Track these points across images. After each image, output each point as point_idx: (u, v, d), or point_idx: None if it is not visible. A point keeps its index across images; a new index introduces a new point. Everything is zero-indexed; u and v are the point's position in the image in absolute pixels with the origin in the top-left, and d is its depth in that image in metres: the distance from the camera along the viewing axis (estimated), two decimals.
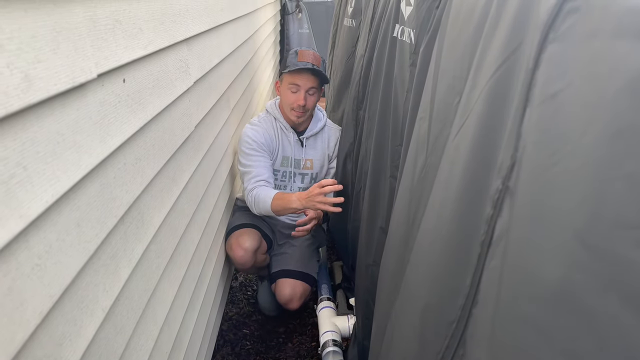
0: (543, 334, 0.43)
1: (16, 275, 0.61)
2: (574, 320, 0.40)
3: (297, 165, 2.22)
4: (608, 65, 0.44)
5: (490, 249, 0.56)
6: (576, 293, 0.39)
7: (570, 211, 0.41)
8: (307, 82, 2.07)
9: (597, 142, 0.41)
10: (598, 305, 0.37)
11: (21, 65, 0.62)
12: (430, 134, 0.88)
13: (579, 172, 0.42)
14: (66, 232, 0.73)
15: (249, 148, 2.08)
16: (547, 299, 0.43)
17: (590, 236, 0.39)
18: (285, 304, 2.14)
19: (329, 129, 2.29)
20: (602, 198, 0.38)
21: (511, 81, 0.60)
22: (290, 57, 2.11)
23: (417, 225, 0.82)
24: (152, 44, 1.08)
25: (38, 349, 0.66)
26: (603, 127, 0.41)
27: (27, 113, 0.64)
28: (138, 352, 1.04)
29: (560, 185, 0.44)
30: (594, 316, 0.38)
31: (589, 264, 0.38)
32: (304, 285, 2.16)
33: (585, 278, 0.38)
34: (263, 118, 2.21)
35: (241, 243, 2.03)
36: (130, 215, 0.99)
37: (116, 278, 0.92)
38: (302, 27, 5.14)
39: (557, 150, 0.45)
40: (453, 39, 0.84)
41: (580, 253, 0.39)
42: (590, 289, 0.38)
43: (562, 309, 0.41)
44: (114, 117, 0.90)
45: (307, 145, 2.22)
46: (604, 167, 0.39)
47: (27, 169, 0.64)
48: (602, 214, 0.38)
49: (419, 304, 0.74)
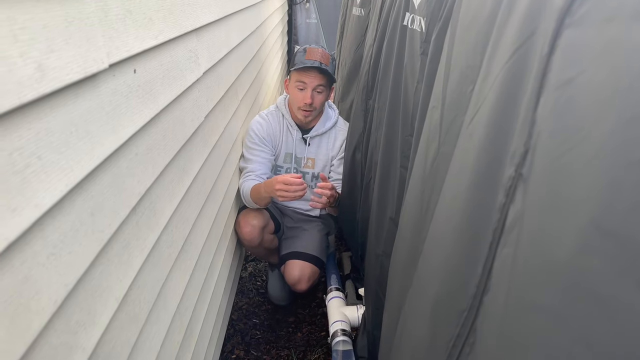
0: (557, 320, 0.43)
1: (32, 264, 0.62)
2: (590, 306, 0.39)
3: (298, 163, 2.23)
4: (624, 50, 0.44)
5: (502, 237, 0.56)
6: (592, 279, 0.39)
7: (585, 197, 0.41)
8: (314, 80, 2.07)
9: (612, 128, 0.41)
10: (614, 292, 0.37)
11: (34, 55, 0.62)
12: (443, 123, 0.87)
13: (594, 158, 0.41)
14: (80, 221, 0.74)
15: (251, 141, 2.13)
16: (562, 286, 0.43)
17: (606, 222, 0.39)
18: (294, 285, 2.17)
19: (337, 130, 2.28)
20: (618, 183, 0.38)
21: (525, 68, 0.59)
22: (298, 54, 2.11)
23: (430, 215, 0.82)
24: (162, 34, 1.08)
25: (54, 337, 0.67)
26: (618, 113, 0.41)
27: (41, 103, 0.64)
28: (151, 341, 1.06)
29: (575, 171, 0.43)
30: (610, 302, 0.37)
31: (605, 250, 0.38)
32: (313, 267, 2.18)
33: (601, 264, 0.38)
34: (272, 112, 2.23)
35: (249, 220, 2.06)
36: (142, 205, 0.99)
37: (129, 267, 0.93)
38: (310, 17, 5.11)
39: (572, 136, 0.45)
40: (465, 27, 0.83)
41: (596, 239, 0.39)
42: (606, 275, 0.38)
43: (577, 295, 0.41)
44: (126, 108, 0.90)
45: (311, 144, 2.23)
46: (619, 153, 0.39)
47: (42, 159, 0.64)
48: (617, 199, 0.38)
49: (431, 293, 0.74)
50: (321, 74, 2.07)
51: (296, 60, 2.10)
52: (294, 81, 2.11)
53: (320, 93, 2.11)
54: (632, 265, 0.36)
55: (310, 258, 2.20)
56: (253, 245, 2.09)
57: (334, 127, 2.26)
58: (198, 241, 1.46)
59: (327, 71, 2.07)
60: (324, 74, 2.07)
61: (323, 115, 2.25)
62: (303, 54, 2.09)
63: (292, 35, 5.12)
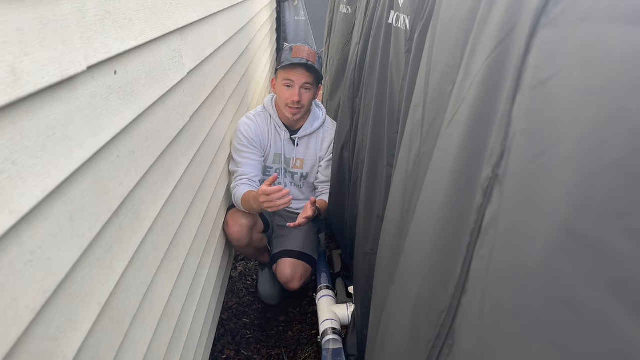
0: (531, 323, 0.43)
1: (8, 272, 0.61)
2: (563, 310, 0.39)
3: (287, 164, 2.23)
4: (599, 50, 0.44)
5: (479, 238, 0.56)
6: (564, 282, 0.39)
7: (558, 199, 0.41)
8: (301, 78, 2.06)
9: (587, 129, 0.41)
10: (586, 296, 0.37)
11: (7, 59, 0.61)
12: (424, 122, 0.87)
13: (567, 160, 0.41)
14: (59, 226, 0.73)
15: (240, 144, 2.12)
16: (535, 288, 0.43)
17: (578, 225, 0.38)
18: (286, 284, 2.17)
19: (325, 129, 2.27)
20: (591, 186, 0.38)
21: (503, 67, 0.59)
22: (285, 53, 2.11)
23: (411, 214, 0.82)
24: (143, 34, 1.07)
25: (33, 345, 0.66)
26: (593, 113, 0.41)
27: (16, 107, 0.63)
28: (136, 344, 1.05)
29: (549, 173, 0.43)
30: (582, 307, 0.37)
31: (577, 254, 0.38)
32: (305, 265, 2.18)
33: (573, 268, 0.38)
34: (259, 113, 2.22)
35: (237, 219, 2.05)
36: (125, 207, 0.98)
37: (112, 271, 0.92)
38: (299, 15, 5.09)
39: (547, 137, 0.45)
40: (446, 26, 0.83)
41: (568, 242, 0.39)
42: (578, 278, 0.37)
43: (549, 298, 0.41)
44: (106, 110, 0.89)
45: (299, 145, 2.22)
46: (593, 154, 0.39)
47: (17, 164, 0.63)
48: (590, 202, 0.37)
49: (412, 293, 0.74)
50: (308, 72, 2.06)
51: (282, 58, 2.10)
52: (281, 79, 2.10)
53: (307, 90, 2.10)
54: (603, 269, 0.35)
55: (302, 256, 2.20)
56: (242, 245, 2.08)
57: (322, 127, 2.26)
58: (185, 242, 1.45)
59: (314, 68, 2.06)
60: (311, 71, 2.07)
61: (311, 115, 2.25)
62: (289, 52, 2.09)
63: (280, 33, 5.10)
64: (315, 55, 2.11)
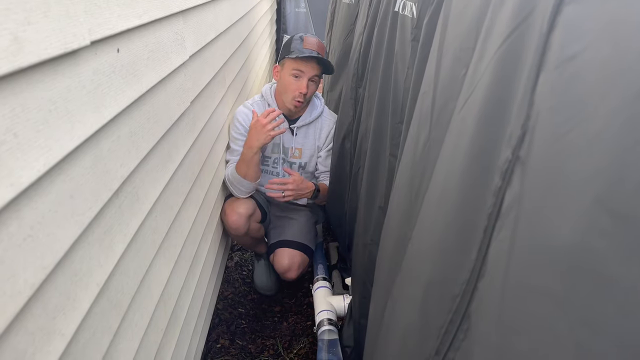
0: (558, 303, 0.42)
1: (7, 246, 0.59)
2: (593, 288, 0.38)
3: (286, 153, 2.21)
4: (628, 25, 0.42)
5: (498, 221, 0.55)
6: (597, 260, 0.38)
7: (589, 177, 0.39)
8: (312, 70, 2.05)
9: (618, 105, 0.39)
10: (621, 272, 0.36)
11: (10, 27, 0.59)
12: (434, 108, 0.85)
13: (597, 137, 0.40)
14: (59, 203, 0.71)
15: (237, 132, 2.10)
16: (564, 268, 0.41)
17: (611, 201, 0.37)
18: (283, 274, 2.16)
19: (323, 119, 2.26)
20: (624, 161, 0.37)
21: (522, 49, 0.57)
22: (294, 42, 2.07)
23: (420, 201, 0.80)
24: (147, 13, 1.04)
25: (31, 322, 0.64)
26: (624, 89, 0.39)
27: (17, 77, 0.61)
28: (133, 328, 1.03)
29: (578, 150, 0.42)
30: (615, 283, 0.36)
31: (611, 230, 0.37)
32: (302, 255, 2.18)
33: (607, 245, 0.37)
34: (257, 101, 2.19)
35: (235, 208, 2.04)
36: (125, 189, 0.96)
37: (111, 252, 0.90)
38: (299, 6, 5.06)
39: (574, 115, 0.43)
40: (460, 10, 0.81)
41: (601, 219, 0.38)
42: (613, 255, 0.36)
43: (579, 277, 0.40)
44: (108, 88, 0.87)
45: (298, 134, 2.21)
46: (625, 130, 0.37)
47: (18, 136, 0.61)
48: (624, 177, 0.36)
49: (422, 280, 0.72)
50: (318, 65, 2.06)
51: (292, 47, 2.06)
52: (289, 69, 2.06)
53: (314, 83, 2.09)
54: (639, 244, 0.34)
55: (299, 246, 2.19)
56: (239, 234, 2.06)
57: (320, 117, 2.24)
58: (183, 228, 1.43)
59: (325, 62, 2.05)
60: (321, 64, 2.06)
61: (310, 105, 2.23)
62: (300, 42, 2.05)
63: (280, 24, 5.07)
64: (324, 48, 2.11)
